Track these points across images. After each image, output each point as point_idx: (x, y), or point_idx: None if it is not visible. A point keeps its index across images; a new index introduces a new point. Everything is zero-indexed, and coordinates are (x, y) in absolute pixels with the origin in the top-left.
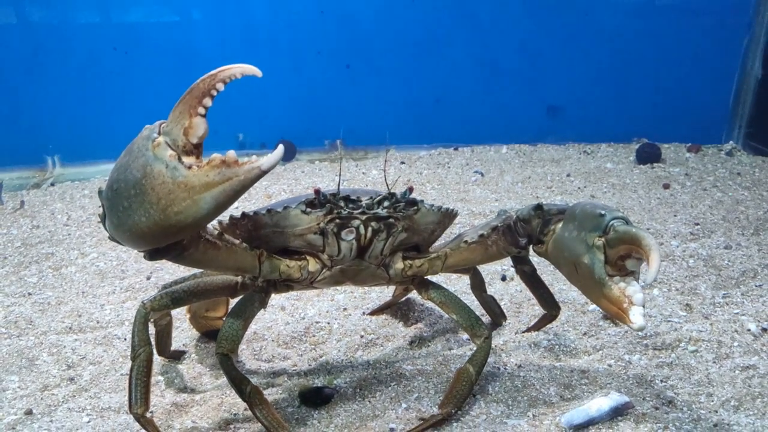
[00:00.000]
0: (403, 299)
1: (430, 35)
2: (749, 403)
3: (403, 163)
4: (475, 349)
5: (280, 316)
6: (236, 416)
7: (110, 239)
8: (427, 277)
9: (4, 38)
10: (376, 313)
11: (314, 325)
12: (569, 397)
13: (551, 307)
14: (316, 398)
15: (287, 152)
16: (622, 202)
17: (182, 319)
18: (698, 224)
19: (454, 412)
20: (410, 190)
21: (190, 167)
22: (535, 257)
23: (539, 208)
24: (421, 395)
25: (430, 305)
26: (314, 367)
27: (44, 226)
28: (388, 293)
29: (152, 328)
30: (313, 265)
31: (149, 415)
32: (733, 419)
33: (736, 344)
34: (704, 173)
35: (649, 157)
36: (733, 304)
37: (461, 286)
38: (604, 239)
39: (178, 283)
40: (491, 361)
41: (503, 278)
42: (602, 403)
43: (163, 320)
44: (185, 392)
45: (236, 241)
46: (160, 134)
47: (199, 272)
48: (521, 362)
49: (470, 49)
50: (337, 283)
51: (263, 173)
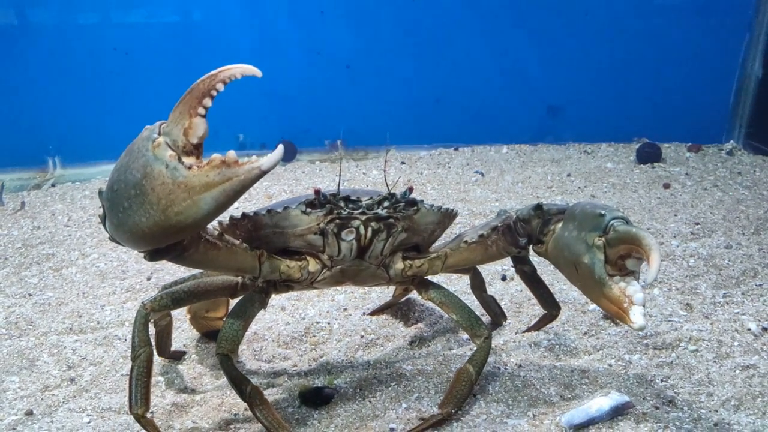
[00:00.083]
0: (403, 299)
1: (430, 35)
2: (749, 402)
3: (403, 163)
4: (475, 349)
5: (280, 316)
6: (236, 416)
7: (110, 240)
8: (427, 277)
9: (4, 39)
10: (376, 313)
11: (314, 325)
12: (569, 396)
13: (551, 306)
14: (316, 398)
15: (288, 153)
16: (622, 201)
17: (182, 319)
18: (699, 224)
19: (454, 412)
20: (410, 190)
21: (190, 167)
22: (535, 257)
23: (539, 208)
24: (421, 395)
25: (430, 305)
26: (314, 367)
27: (45, 227)
28: (388, 293)
29: (152, 328)
30: (313, 265)
31: (149, 415)
32: (733, 418)
33: (736, 344)
34: (705, 173)
35: (649, 156)
36: (733, 303)
37: (461, 286)
38: (604, 239)
39: (178, 283)
40: (491, 360)
41: (503, 278)
42: (602, 402)
43: (163, 321)
44: (185, 392)
45: (236, 241)
46: (160, 135)
47: (199, 273)
48: (521, 362)
49: (470, 49)
50: (337, 283)
51: (263, 173)
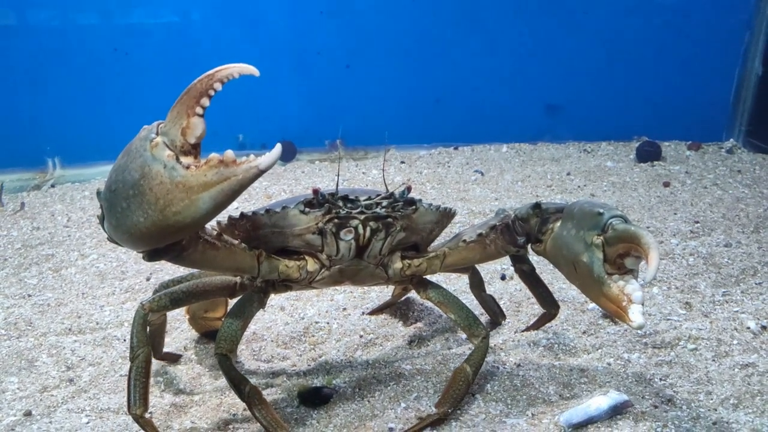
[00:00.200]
0: (402, 299)
1: (429, 35)
2: (748, 401)
3: (403, 162)
4: (473, 348)
5: (279, 316)
6: (235, 416)
7: (109, 240)
8: (425, 276)
9: (4, 40)
10: (375, 312)
11: (313, 325)
12: (568, 395)
13: (550, 305)
14: (315, 398)
15: (287, 152)
16: (622, 200)
17: (181, 319)
18: (698, 222)
19: (450, 411)
20: (408, 189)
21: (188, 167)
22: (534, 256)
23: (537, 206)
24: (420, 395)
25: (429, 305)
26: (313, 367)
27: (44, 227)
28: (387, 293)
29: None
30: (311, 265)
31: (148, 415)
32: (732, 417)
33: (735, 342)
34: (704, 171)
35: (649, 155)
36: (732, 302)
37: (460, 285)
38: (602, 238)
39: (175, 282)
40: (490, 359)
41: (503, 277)
42: (601, 401)
43: (156, 320)
44: (184, 393)
45: (235, 241)
46: (158, 134)
47: (197, 272)
48: (520, 361)
49: (469, 48)
50: (336, 282)
51: (261, 172)
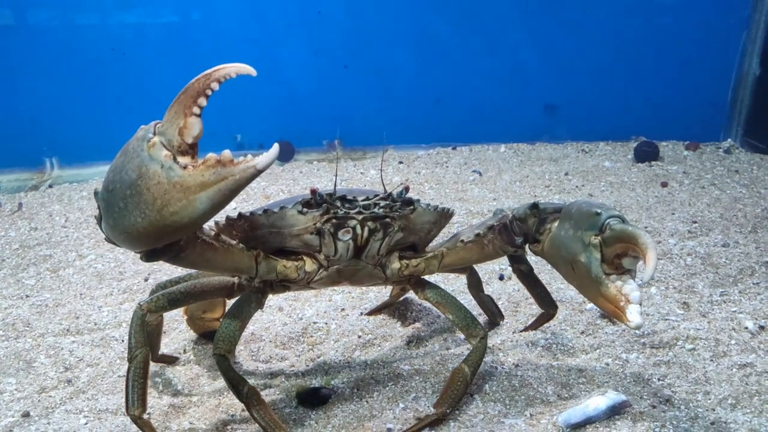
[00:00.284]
0: (400, 299)
1: (427, 35)
2: (746, 401)
3: (401, 162)
4: (471, 349)
5: (277, 316)
6: (234, 417)
7: (107, 240)
8: (423, 276)
9: (2, 40)
10: (373, 313)
11: (312, 325)
12: (567, 396)
13: (548, 306)
14: (313, 399)
15: (286, 153)
16: (620, 200)
17: (180, 320)
18: (696, 222)
19: (448, 411)
20: (406, 189)
21: (185, 167)
22: (532, 256)
23: (535, 206)
24: (418, 395)
25: (427, 305)
26: (312, 367)
27: (42, 228)
28: (385, 293)
29: None
30: (309, 265)
31: (146, 416)
32: (730, 417)
33: (733, 342)
34: (702, 171)
35: (647, 155)
36: (730, 302)
37: (459, 285)
38: (600, 238)
39: (173, 282)
40: (489, 360)
41: (501, 277)
42: (599, 401)
43: (153, 321)
44: (182, 393)
45: (233, 241)
46: (155, 134)
47: (195, 273)
48: (519, 361)
49: (468, 48)
50: (334, 283)
51: (258, 172)
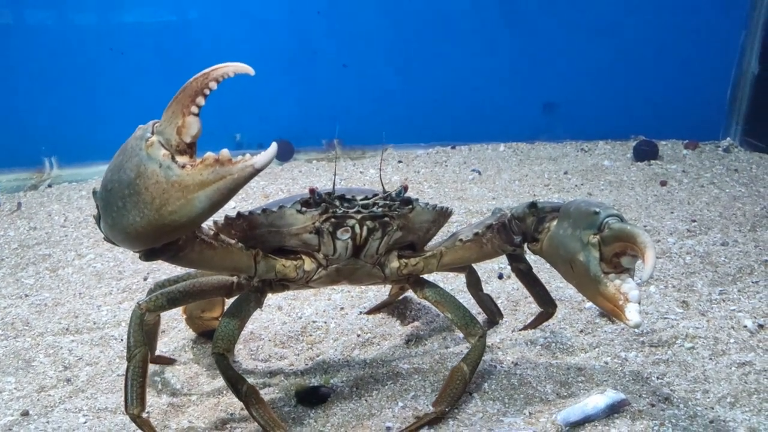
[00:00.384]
0: (399, 298)
1: (426, 34)
2: (745, 399)
3: (400, 162)
4: (470, 347)
5: (277, 315)
6: (233, 416)
7: (106, 240)
8: (422, 275)
9: (1, 39)
10: (372, 312)
11: (311, 324)
12: (566, 394)
13: (548, 304)
14: (312, 397)
15: (285, 152)
16: (619, 199)
17: (179, 319)
18: (695, 221)
19: (447, 410)
20: (405, 188)
21: (183, 166)
22: (531, 255)
23: (534, 206)
24: (417, 394)
25: (426, 304)
26: (311, 366)
27: (41, 227)
28: (384, 292)
29: None
30: (308, 264)
31: (145, 415)
32: (729, 416)
33: (732, 341)
34: (701, 170)
35: (646, 154)
36: (729, 300)
37: (458, 284)
38: (599, 237)
39: (171, 281)
40: (488, 358)
41: (500, 276)
42: (598, 400)
43: (150, 320)
44: (182, 392)
45: (232, 241)
46: (153, 134)
47: (194, 272)
48: (518, 360)
49: (466, 47)
50: (333, 282)
51: (257, 171)
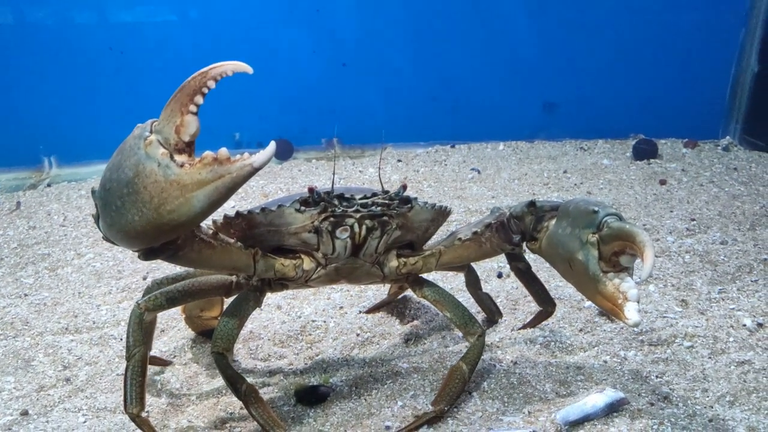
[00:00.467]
0: (399, 297)
1: (426, 33)
2: (744, 398)
3: (399, 161)
4: (469, 346)
5: (276, 315)
6: (232, 415)
7: (104, 239)
8: (421, 274)
9: (0, 38)
10: (372, 311)
11: (310, 323)
12: (565, 393)
13: (547, 303)
14: (311, 397)
15: (285, 151)
16: (618, 198)
17: (178, 318)
18: (694, 220)
19: (446, 409)
20: (404, 187)
21: (182, 165)
22: (531, 254)
23: (532, 204)
24: (417, 393)
25: (425, 303)
26: (310, 365)
27: (40, 226)
28: (384, 291)
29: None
30: (307, 263)
31: (145, 414)
32: (728, 414)
33: (731, 339)
34: (701, 169)
35: (645, 153)
36: (728, 299)
37: (457, 283)
38: (597, 236)
39: (169, 279)
40: (487, 357)
41: (499, 275)
42: (597, 399)
43: (147, 319)
44: (181, 392)
45: (231, 240)
46: (151, 133)
47: (193, 271)
48: (517, 359)
49: (466, 46)
50: (332, 281)
51: (255, 170)
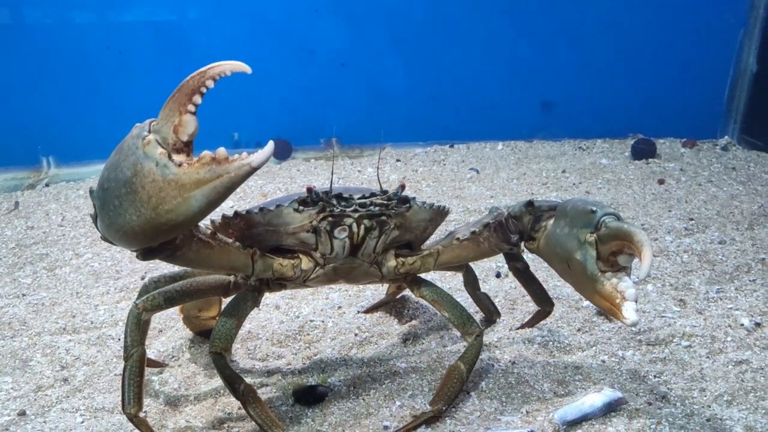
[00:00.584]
0: (397, 297)
1: (424, 33)
2: (742, 397)
3: (398, 160)
4: (467, 346)
5: (274, 314)
6: (230, 415)
7: (103, 239)
8: (420, 274)
9: None
10: (370, 311)
11: (309, 323)
12: (563, 393)
13: (545, 303)
14: (309, 397)
15: (283, 151)
16: (617, 197)
17: (176, 318)
18: (693, 219)
19: (444, 409)
20: (402, 187)
21: (180, 165)
22: (529, 254)
23: (530, 204)
24: (415, 392)
25: (424, 303)
26: (308, 365)
27: (39, 226)
28: (382, 291)
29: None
30: (306, 263)
31: (143, 414)
32: (726, 414)
33: (729, 339)
34: (699, 168)
35: (644, 152)
36: (726, 299)
37: (455, 283)
38: (595, 235)
39: (166, 277)
40: (485, 357)
41: (498, 275)
42: (595, 398)
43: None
44: (179, 392)
45: (229, 240)
46: (150, 132)
47: (190, 270)
48: (515, 358)
49: (465, 45)
50: (330, 281)
51: (254, 170)
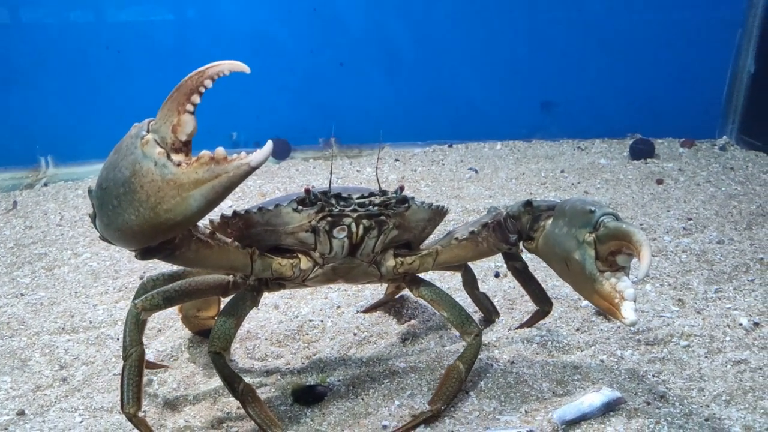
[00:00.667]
0: (396, 297)
1: (423, 33)
2: (741, 397)
3: (397, 160)
4: (465, 346)
5: (273, 314)
6: (229, 415)
7: (101, 239)
8: (418, 274)
9: None
10: (369, 310)
11: (308, 323)
12: (561, 392)
13: (544, 303)
14: (308, 396)
15: (282, 151)
16: (615, 197)
17: (175, 318)
18: (691, 219)
19: (443, 408)
20: (401, 188)
21: (179, 164)
22: (528, 254)
23: (529, 204)
24: (414, 392)
25: (423, 302)
26: (307, 365)
27: (37, 226)
28: (381, 291)
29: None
30: (305, 263)
31: (142, 414)
32: (724, 413)
33: (728, 339)
34: (697, 168)
35: (642, 152)
36: (725, 298)
37: (454, 283)
38: (594, 235)
39: (165, 276)
40: (484, 357)
41: (497, 275)
42: (594, 398)
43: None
44: (178, 391)
45: (228, 239)
46: (148, 132)
47: (188, 270)
48: (514, 358)
49: (464, 45)
50: (329, 281)
51: (252, 169)
